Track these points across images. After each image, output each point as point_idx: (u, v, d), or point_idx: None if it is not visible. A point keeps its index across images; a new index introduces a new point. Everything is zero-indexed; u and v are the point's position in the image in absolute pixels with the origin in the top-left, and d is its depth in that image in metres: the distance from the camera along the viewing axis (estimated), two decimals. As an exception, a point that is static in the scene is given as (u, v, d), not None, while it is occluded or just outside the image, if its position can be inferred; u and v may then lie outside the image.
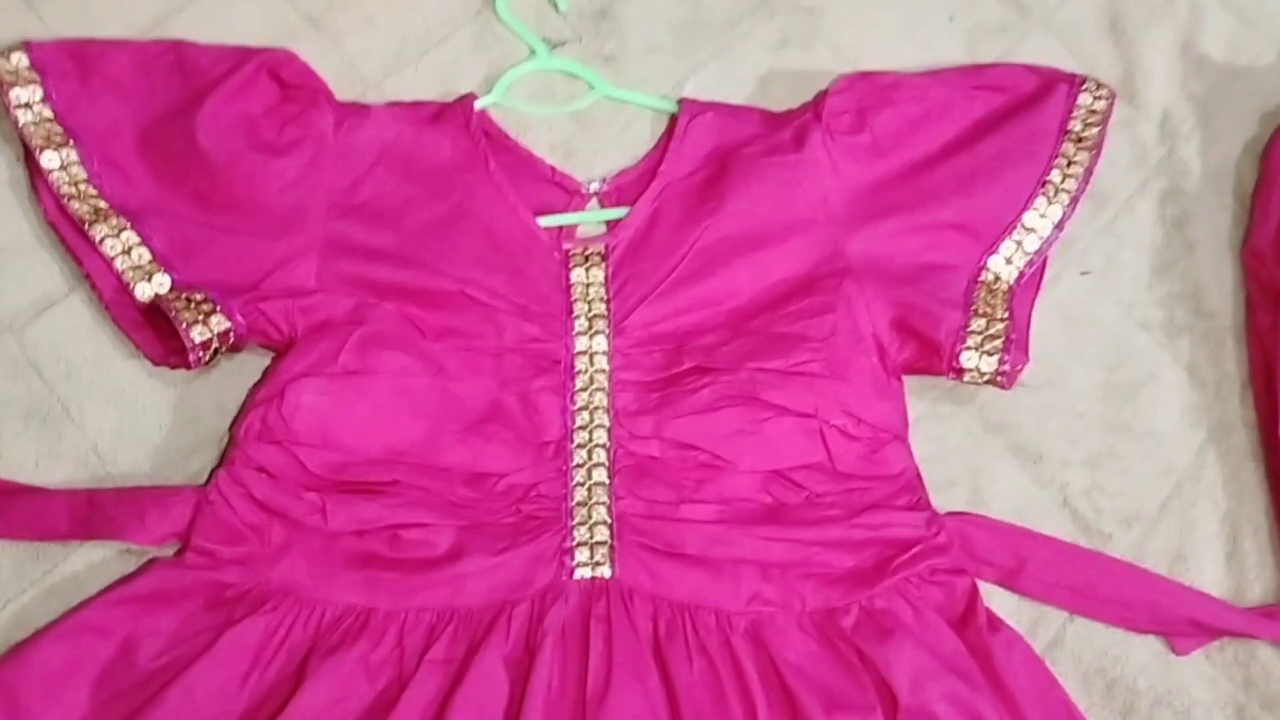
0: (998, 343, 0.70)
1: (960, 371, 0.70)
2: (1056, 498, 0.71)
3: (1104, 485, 0.72)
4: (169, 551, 0.64)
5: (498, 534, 0.65)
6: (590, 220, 0.77)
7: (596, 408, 0.69)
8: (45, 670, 0.60)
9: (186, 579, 0.62)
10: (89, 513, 0.64)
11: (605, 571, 0.64)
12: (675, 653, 0.62)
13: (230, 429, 0.67)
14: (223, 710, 0.59)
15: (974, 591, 0.65)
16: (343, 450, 0.65)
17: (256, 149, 0.72)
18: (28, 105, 0.72)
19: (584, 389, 0.70)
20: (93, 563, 0.65)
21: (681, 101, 0.79)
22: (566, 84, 0.81)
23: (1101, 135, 0.77)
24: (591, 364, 0.70)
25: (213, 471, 0.66)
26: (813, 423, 0.68)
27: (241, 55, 0.74)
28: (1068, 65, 0.81)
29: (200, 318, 0.67)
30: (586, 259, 0.74)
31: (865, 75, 0.78)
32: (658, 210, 0.75)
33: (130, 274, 0.69)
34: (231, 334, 0.67)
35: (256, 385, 0.68)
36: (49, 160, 0.71)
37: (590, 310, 0.72)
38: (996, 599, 0.66)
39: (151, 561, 0.63)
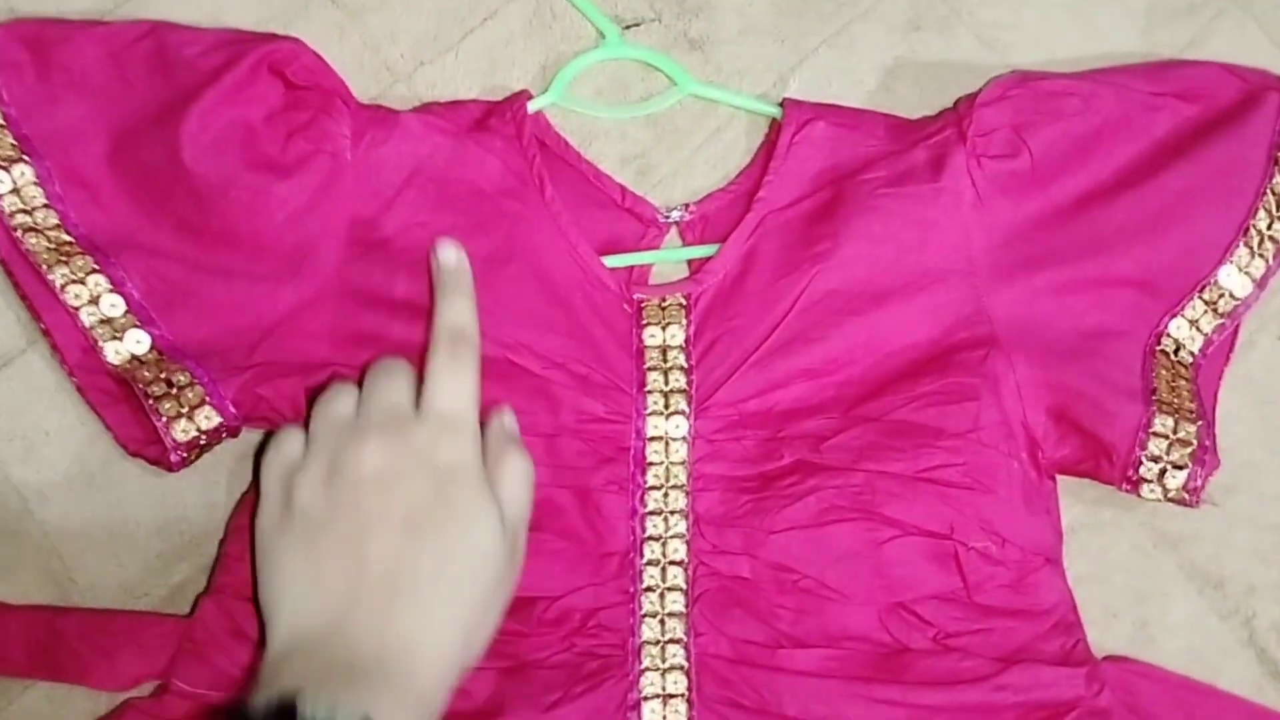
0: (1187, 451, 0.55)
1: (1137, 483, 0.55)
2: (1240, 633, 0.57)
3: (1300, 619, 0.58)
4: (145, 690, 0.52)
5: (547, 680, 0.52)
6: (669, 259, 0.62)
7: (673, 512, 0.56)
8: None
9: (168, 732, 0.51)
10: (49, 643, 0.52)
11: (681, 735, 0.52)
12: (767, 846, 0.50)
13: (221, 544, 0.54)
14: None
15: (1142, 772, 0.52)
16: (357, 581, 0.52)
17: (256, 168, 0.58)
18: (-31, 110, 0.58)
19: (658, 486, 0.56)
20: (55, 699, 0.53)
21: (786, 104, 0.63)
22: (643, 78, 0.65)
23: (1324, 162, 0.60)
24: (668, 453, 0.57)
25: (198, 598, 0.53)
26: (947, 545, 0.54)
27: (237, 45, 0.59)
28: (1276, 60, 0.64)
29: (184, 410, 0.53)
30: (664, 312, 0.59)
31: (1023, 79, 0.61)
32: (754, 250, 0.60)
33: (99, 330, 0.55)
34: (224, 429, 0.54)
35: (253, 488, 0.55)
36: (-2, 181, 0.57)
37: (668, 383, 0.58)
38: (1163, 765, 0.53)
39: (126, 705, 0.51)
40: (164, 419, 0.53)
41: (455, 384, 0.50)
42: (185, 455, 0.53)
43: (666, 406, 0.57)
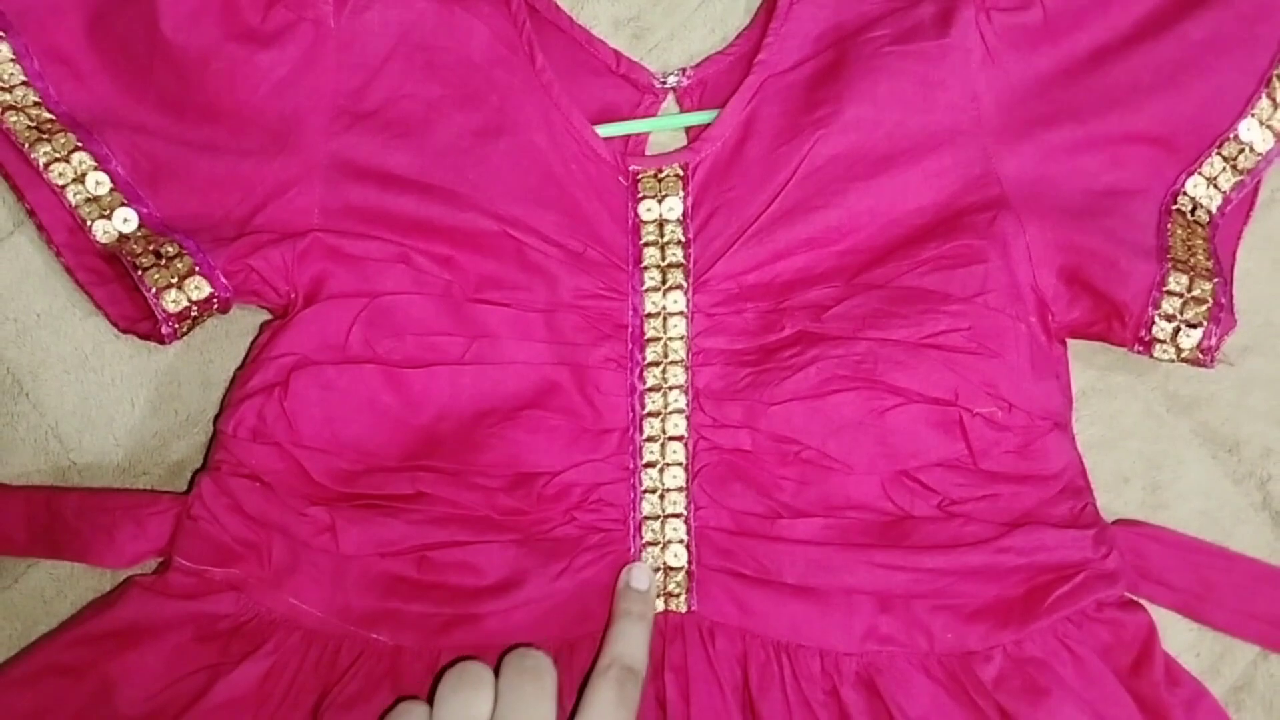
0: (1202, 309, 0.53)
1: (1149, 344, 0.54)
2: (1254, 496, 0.56)
3: (1316, 481, 0.56)
4: (148, 567, 0.52)
5: (549, 552, 0.52)
6: (665, 127, 0.60)
7: (672, 387, 0.55)
8: (6, 721, 0.49)
9: (171, 608, 0.51)
10: (49, 522, 0.52)
11: (681, 604, 0.52)
12: (770, 708, 0.50)
13: (215, 421, 0.54)
14: (218, 772, 0.49)
15: (1150, 633, 0.51)
16: (354, 456, 0.52)
17: (236, 38, 0.56)
18: (-59, -16, 0.56)
19: (656, 363, 0.55)
20: (59, 576, 0.54)
21: (786, -40, 0.60)
22: (636, -64, 0.62)
23: (1350, 9, 0.57)
24: (665, 329, 0.55)
25: (195, 474, 0.53)
26: (951, 411, 0.53)
27: (212, -91, 0.57)
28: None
29: (174, 280, 0.52)
30: (661, 184, 0.57)
31: (1036, -74, 0.58)
32: (753, 115, 0.58)
33: (86, 209, 0.54)
34: (215, 300, 0.53)
35: (246, 364, 0.54)
36: (-27, 60, 0.55)
37: (664, 258, 0.56)
38: (1172, 628, 0.53)
39: (129, 583, 0.51)
40: (154, 290, 0.52)
41: None
42: (176, 327, 0.53)
43: (664, 281, 0.56)
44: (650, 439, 0.54)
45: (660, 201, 0.57)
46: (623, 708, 0.46)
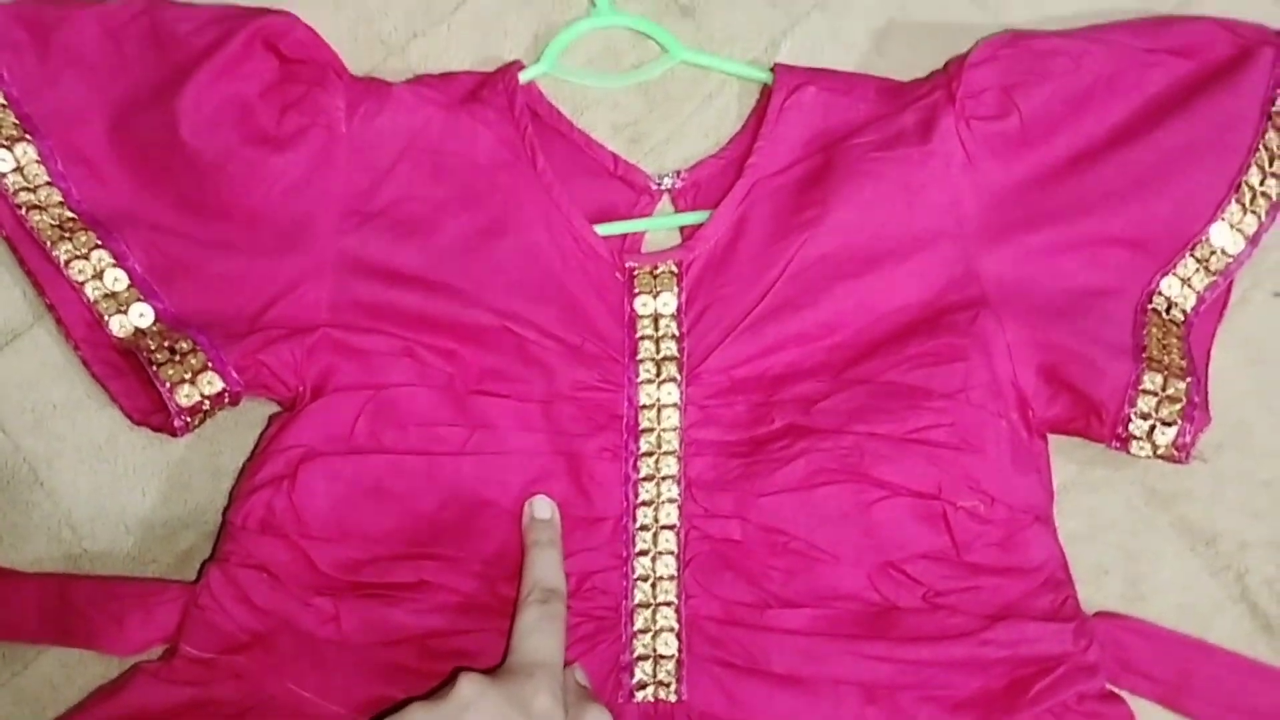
0: (1176, 408, 0.55)
1: (1126, 440, 0.55)
2: (1233, 589, 0.58)
3: (1293, 574, 0.58)
4: (155, 653, 0.54)
5: (544, 641, 0.54)
6: (661, 226, 0.62)
7: (665, 477, 0.56)
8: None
9: (176, 694, 0.52)
10: (61, 609, 0.53)
11: (671, 693, 0.53)
12: (759, 799, 0.51)
13: (225, 511, 0.56)
14: None
15: (1131, 725, 0.53)
16: (359, 546, 0.54)
17: (252, 142, 0.59)
18: (-28, 91, 0.59)
19: (650, 453, 0.57)
20: (68, 663, 0.55)
21: (776, 69, 0.63)
22: (634, 46, 0.65)
23: (1318, 119, 0.60)
24: (659, 420, 0.57)
25: (204, 564, 0.55)
26: (935, 504, 0.54)
27: (230, 21, 0.60)
28: (1271, 14, 0.63)
29: (187, 375, 0.55)
30: (656, 280, 0.60)
31: (1013, 39, 0.61)
32: (744, 216, 0.60)
33: (103, 304, 0.57)
34: (226, 394, 0.55)
35: (254, 457, 0.56)
36: (1, 161, 0.58)
37: (659, 351, 0.58)
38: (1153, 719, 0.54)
39: (136, 669, 0.53)
40: (167, 384, 0.54)
41: (545, 639, 0.50)
42: (189, 420, 0.55)
43: (658, 374, 0.58)
44: (643, 528, 0.56)
45: (655, 297, 0.59)
46: (549, 620, 0.51)
